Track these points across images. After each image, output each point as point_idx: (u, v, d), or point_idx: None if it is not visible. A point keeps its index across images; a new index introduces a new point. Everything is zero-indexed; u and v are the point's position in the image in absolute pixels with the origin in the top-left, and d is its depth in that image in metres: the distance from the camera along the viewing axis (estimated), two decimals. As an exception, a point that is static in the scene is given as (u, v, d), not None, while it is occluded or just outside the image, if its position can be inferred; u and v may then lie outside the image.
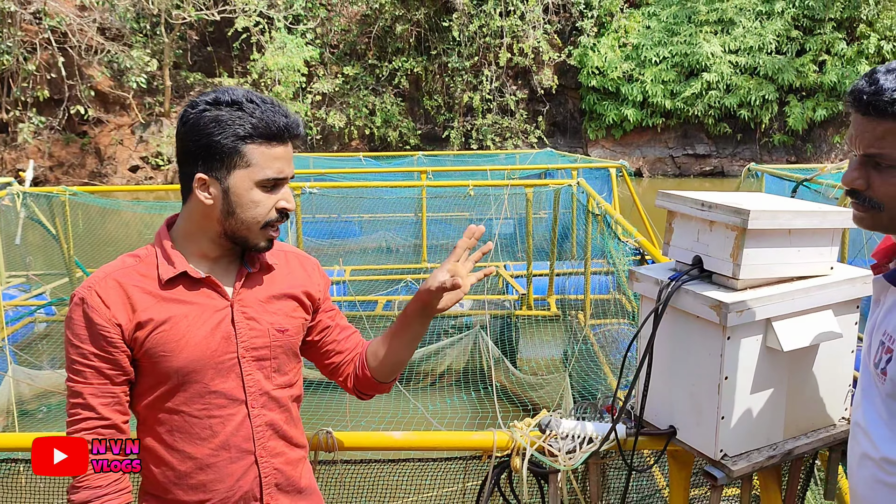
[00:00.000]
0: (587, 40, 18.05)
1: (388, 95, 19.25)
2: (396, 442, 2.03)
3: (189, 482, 1.56)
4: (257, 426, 1.60)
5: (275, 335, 1.63)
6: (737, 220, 1.67)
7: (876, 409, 1.46)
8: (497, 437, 1.97)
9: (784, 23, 17.05)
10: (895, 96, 1.31)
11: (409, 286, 7.50)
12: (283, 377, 1.66)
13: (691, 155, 18.22)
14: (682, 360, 1.81)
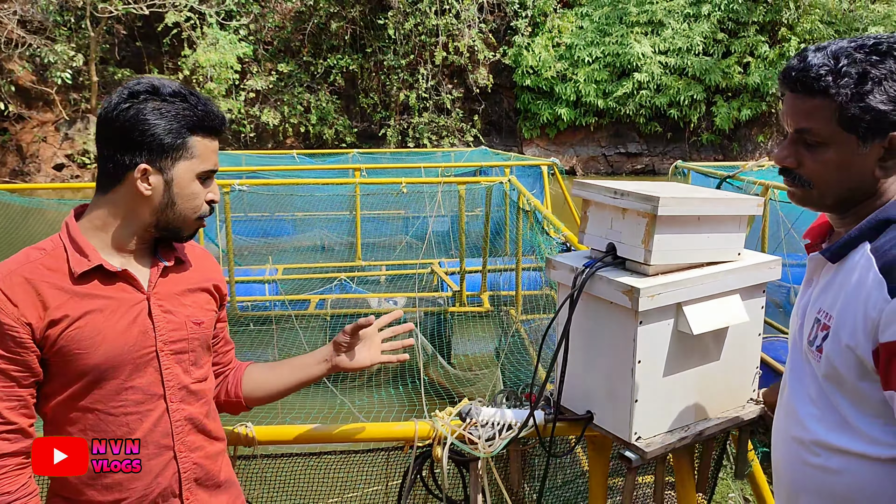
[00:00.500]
0: (521, 40, 18.24)
1: (323, 93, 19.06)
2: (318, 434, 2.01)
3: (104, 482, 1.52)
4: (176, 421, 1.57)
5: (192, 328, 1.61)
6: (647, 207, 1.71)
7: (806, 390, 1.48)
8: (418, 427, 1.97)
9: (710, 25, 17.55)
10: (821, 72, 1.34)
11: (343, 285, 7.44)
12: (199, 370, 1.64)
13: (623, 153, 18.59)
14: (598, 346, 1.84)
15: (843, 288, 1.38)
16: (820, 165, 1.39)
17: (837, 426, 1.40)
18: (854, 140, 1.35)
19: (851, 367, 1.35)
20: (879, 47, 1.33)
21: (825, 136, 1.36)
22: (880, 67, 1.32)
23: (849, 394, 1.37)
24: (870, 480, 1.36)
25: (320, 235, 9.61)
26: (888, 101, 1.32)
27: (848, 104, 1.33)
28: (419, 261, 7.45)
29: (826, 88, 1.34)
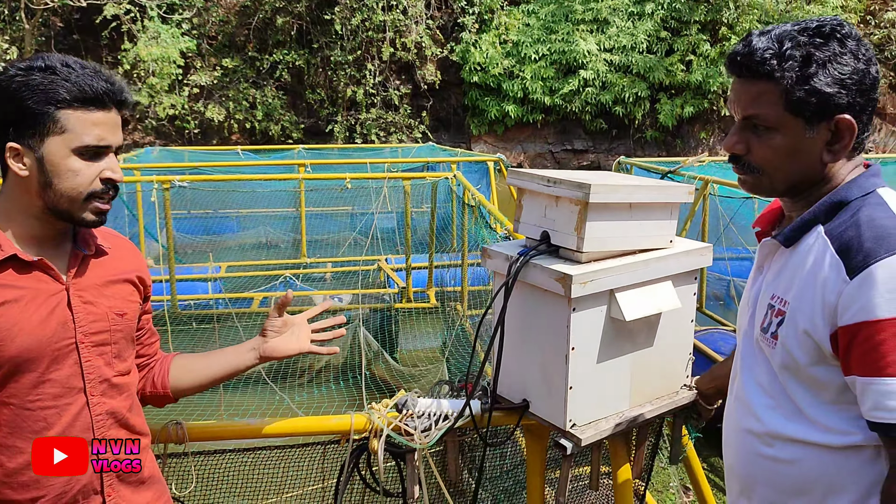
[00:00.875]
0: (469, 36, 18.25)
1: (269, 89, 18.78)
2: (251, 430, 1.97)
3: (20, 479, 1.45)
4: (97, 415, 1.52)
5: (114, 319, 1.55)
6: (579, 195, 1.71)
7: (758, 380, 1.47)
8: (354, 420, 1.94)
9: (654, 24, 17.82)
10: (766, 55, 1.33)
11: (288, 282, 7.35)
12: (123, 363, 1.59)
13: (570, 150, 18.76)
14: (533, 334, 1.84)
15: (798, 272, 1.37)
16: (768, 151, 1.38)
17: (791, 415, 1.40)
18: (801, 124, 1.35)
19: (808, 352, 1.34)
20: (823, 30, 1.34)
21: (773, 121, 1.36)
22: (824, 50, 1.32)
23: (804, 381, 1.37)
24: (823, 470, 1.36)
25: (265, 232, 9.49)
26: (833, 84, 1.32)
27: (793, 87, 1.33)
28: (363, 257, 7.40)
29: (771, 72, 1.34)
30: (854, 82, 1.33)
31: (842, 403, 1.34)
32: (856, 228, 1.30)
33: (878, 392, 1.24)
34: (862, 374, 1.26)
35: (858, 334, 1.25)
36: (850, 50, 1.33)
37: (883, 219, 1.30)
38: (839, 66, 1.32)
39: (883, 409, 1.24)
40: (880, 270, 1.24)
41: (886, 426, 1.24)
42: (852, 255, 1.28)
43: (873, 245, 1.26)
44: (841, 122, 1.34)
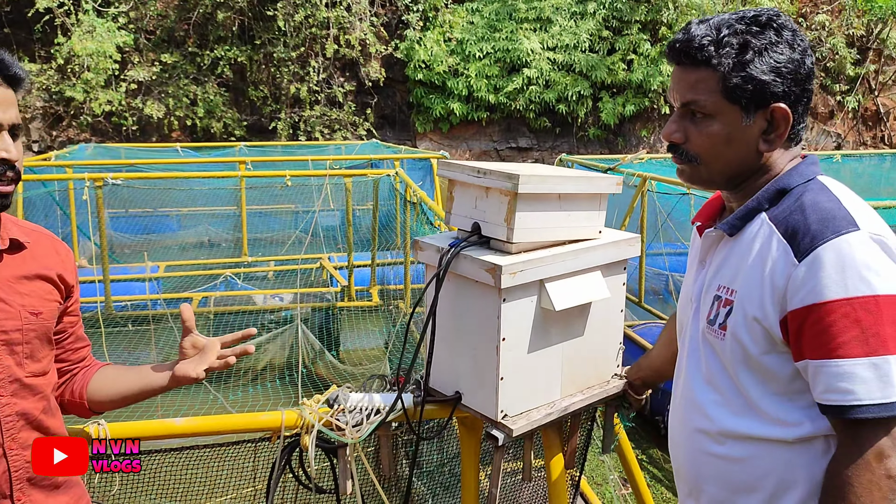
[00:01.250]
0: (413, 34, 18.22)
1: (210, 85, 18.44)
2: (177, 428, 1.91)
3: None
4: (7, 416, 1.45)
5: (28, 318, 1.48)
6: (508, 185, 1.71)
7: (704, 377, 1.45)
8: (285, 416, 1.91)
9: (596, 23, 18.07)
10: (703, 42, 1.34)
11: (229, 281, 7.23)
12: (36, 364, 1.52)
13: (514, 148, 18.89)
14: (464, 325, 1.83)
15: (745, 260, 1.37)
16: (706, 139, 1.38)
17: (741, 411, 1.39)
18: (737, 112, 1.36)
19: (758, 340, 1.34)
20: (759, 18, 1.35)
21: (710, 108, 1.36)
22: (761, 38, 1.33)
23: (755, 371, 1.36)
24: (774, 465, 1.36)
25: (206, 231, 9.32)
26: (769, 72, 1.33)
27: (730, 74, 1.33)
28: (303, 256, 7.31)
29: (709, 59, 1.34)
30: (789, 71, 1.35)
31: (792, 393, 1.34)
32: (801, 213, 1.31)
33: (829, 374, 1.24)
34: (813, 357, 1.26)
35: (809, 317, 1.26)
36: (786, 40, 1.35)
37: (826, 202, 1.32)
38: (775, 55, 1.33)
39: (834, 391, 1.24)
40: (827, 252, 1.25)
41: (838, 408, 1.25)
42: (799, 239, 1.28)
43: (819, 227, 1.27)
44: (777, 111, 1.36)
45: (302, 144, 14.56)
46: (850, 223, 1.27)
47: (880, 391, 1.22)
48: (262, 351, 5.69)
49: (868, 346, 1.22)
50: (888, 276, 1.24)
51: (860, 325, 1.22)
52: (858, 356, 1.22)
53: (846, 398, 1.23)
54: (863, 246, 1.25)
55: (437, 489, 2.48)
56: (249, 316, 5.96)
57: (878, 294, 1.23)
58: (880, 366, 1.22)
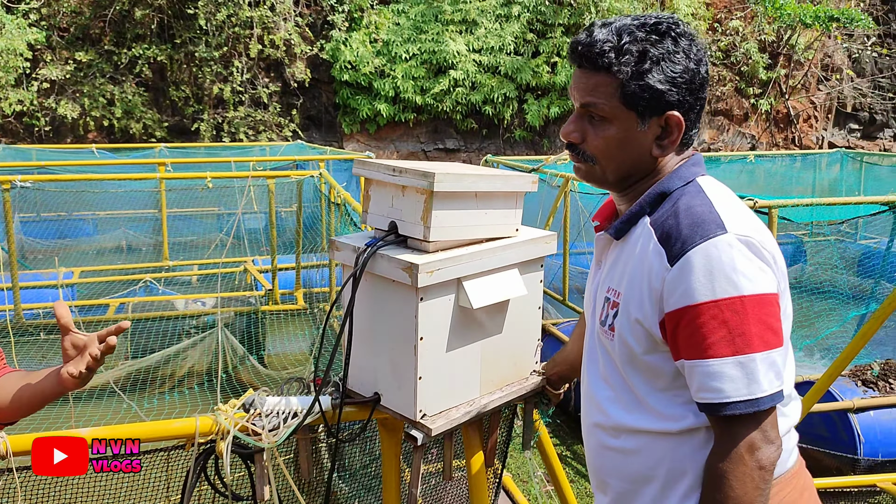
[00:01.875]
0: (339, 35, 18.07)
1: (128, 84, 17.87)
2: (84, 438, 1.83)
3: None
4: None
5: None
6: (424, 183, 1.70)
7: (600, 374, 1.50)
8: (199, 423, 1.85)
9: (520, 26, 18.29)
10: (605, 48, 1.36)
11: (149, 287, 7.01)
12: None
13: (442, 149, 18.94)
14: (382, 326, 1.82)
15: (628, 263, 1.41)
16: (602, 141, 1.42)
17: (631, 406, 1.44)
18: (634, 117, 1.39)
19: (641, 340, 1.38)
20: (659, 27, 1.38)
21: (608, 112, 1.39)
22: (659, 47, 1.37)
23: (641, 370, 1.41)
24: (664, 456, 1.40)
25: (124, 235, 9.03)
26: (665, 81, 1.37)
27: (629, 81, 1.36)
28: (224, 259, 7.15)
29: (609, 65, 1.37)
30: (685, 81, 1.39)
31: (675, 389, 1.39)
32: (675, 217, 1.36)
33: (701, 374, 1.29)
34: (688, 358, 1.31)
35: (682, 319, 1.31)
36: (682, 49, 1.39)
37: (698, 206, 1.36)
38: (672, 65, 1.37)
39: (707, 389, 1.29)
40: (696, 256, 1.29)
41: (711, 406, 1.30)
42: (672, 243, 1.33)
43: (689, 232, 1.32)
44: (670, 119, 1.40)
45: (226, 146, 14.26)
46: (718, 226, 1.32)
47: (746, 388, 1.28)
48: (182, 357, 5.54)
49: (734, 346, 1.28)
50: (753, 277, 1.30)
51: (727, 325, 1.28)
52: (726, 356, 1.28)
53: (717, 396, 1.29)
54: (729, 248, 1.30)
55: (359, 491, 2.46)
56: (169, 322, 5.79)
57: (744, 294, 1.28)
58: (746, 364, 1.28)
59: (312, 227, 6.88)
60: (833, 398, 4.32)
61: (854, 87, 24.45)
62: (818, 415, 4.30)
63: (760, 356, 1.28)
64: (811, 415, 4.12)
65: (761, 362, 1.28)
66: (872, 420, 4.27)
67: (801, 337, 5.05)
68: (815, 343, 5.20)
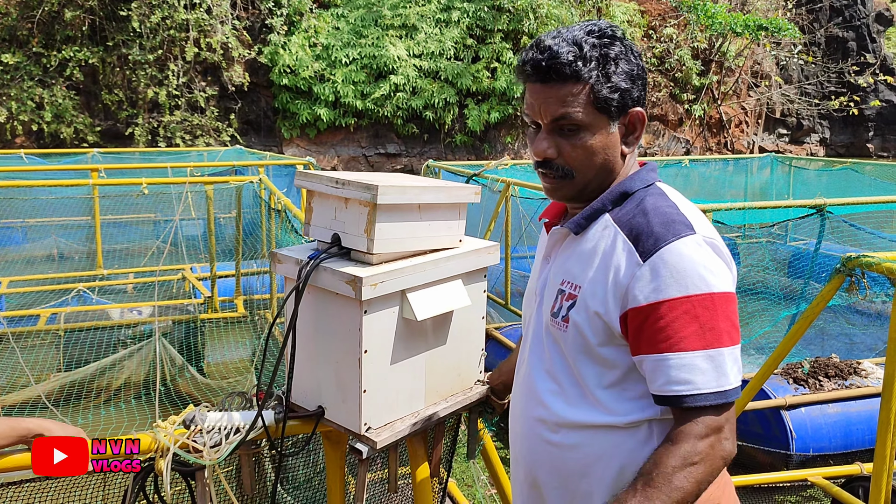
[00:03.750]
0: (277, 38, 17.88)
1: (59, 88, 17.32)
2: (13, 461, 1.76)
3: None
4: None
5: None
6: (367, 196, 1.70)
7: (545, 367, 1.51)
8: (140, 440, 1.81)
9: (460, 31, 18.39)
10: (570, 58, 1.38)
11: (82, 296, 6.80)
12: None
13: (383, 154, 18.90)
14: (326, 339, 1.81)
15: (590, 257, 1.43)
16: (579, 151, 1.43)
17: (577, 400, 1.45)
18: (606, 121, 1.43)
19: (598, 332, 1.40)
20: (606, 32, 1.43)
21: (583, 120, 1.41)
22: (613, 48, 1.42)
23: (594, 361, 1.42)
24: (604, 451, 1.42)
25: (55, 243, 8.74)
26: (627, 79, 1.42)
27: (599, 85, 1.40)
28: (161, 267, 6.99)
29: (578, 72, 1.39)
30: (638, 76, 1.45)
31: (626, 383, 1.42)
32: (644, 216, 1.40)
33: (672, 366, 1.32)
34: (654, 352, 1.34)
35: (652, 314, 1.33)
36: (628, 47, 1.45)
37: (666, 207, 1.41)
38: (628, 63, 1.43)
39: (677, 381, 1.32)
40: (669, 254, 1.34)
41: (678, 398, 1.32)
42: (643, 240, 1.36)
43: (661, 230, 1.36)
44: (634, 115, 1.46)
45: (162, 151, 13.93)
46: (687, 227, 1.37)
47: (716, 380, 1.32)
48: (118, 369, 5.39)
49: (705, 340, 1.32)
50: (720, 275, 1.36)
51: (699, 320, 1.32)
52: (697, 349, 1.32)
53: (688, 388, 1.32)
54: (698, 248, 1.35)
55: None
56: (104, 332, 5.63)
57: (714, 292, 1.33)
58: (715, 357, 1.32)
59: (252, 233, 6.78)
60: (766, 396, 4.45)
61: (782, 94, 25.33)
62: (753, 412, 4.42)
63: (728, 350, 1.33)
64: (746, 413, 4.25)
65: (728, 356, 1.33)
66: (803, 416, 4.41)
67: (736, 337, 5.19)
68: (749, 343, 5.35)
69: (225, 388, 5.07)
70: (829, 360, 4.85)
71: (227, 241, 7.83)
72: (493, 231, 6.34)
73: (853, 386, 4.59)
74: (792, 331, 3.08)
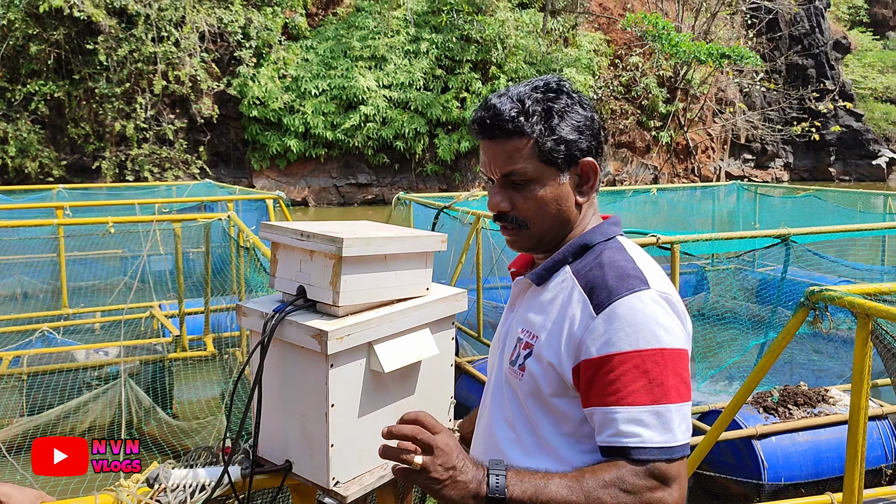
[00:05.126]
0: (247, 70, 17.89)
1: (23, 122, 17.15)
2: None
3: None
4: None
5: None
6: (332, 249, 1.69)
7: (504, 415, 1.51)
8: (100, 500, 1.77)
9: (429, 62, 18.55)
10: (513, 114, 1.43)
11: (47, 337, 6.67)
12: None
13: (354, 184, 18.91)
14: (292, 393, 1.79)
15: (549, 308, 1.45)
16: (531, 203, 1.46)
17: (533, 449, 1.45)
18: (555, 172, 1.46)
19: (552, 383, 1.41)
20: (551, 86, 1.47)
21: (530, 173, 1.44)
22: (558, 102, 1.45)
23: (548, 412, 1.43)
24: None
25: (19, 283, 8.57)
26: (573, 131, 1.45)
27: (543, 138, 1.43)
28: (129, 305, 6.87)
29: (521, 128, 1.43)
30: (587, 127, 1.48)
31: (580, 437, 1.42)
32: (600, 269, 1.41)
33: (619, 419, 1.32)
34: (602, 405, 1.34)
35: (603, 366, 1.34)
36: (577, 101, 1.48)
37: (622, 261, 1.43)
38: (574, 115, 1.46)
39: (623, 434, 1.32)
40: (622, 308, 1.35)
41: (623, 449, 1.33)
42: (597, 293, 1.38)
43: (616, 284, 1.37)
44: (585, 165, 1.48)
45: (130, 186, 13.80)
46: (642, 282, 1.39)
47: (661, 435, 1.32)
48: (83, 412, 5.27)
49: (653, 395, 1.32)
50: (672, 331, 1.37)
51: (648, 375, 1.33)
52: (645, 404, 1.32)
53: (634, 441, 1.32)
54: (652, 303, 1.37)
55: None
56: (68, 374, 5.51)
57: (664, 347, 1.34)
58: (663, 413, 1.32)
59: (222, 269, 6.71)
60: (738, 426, 4.48)
61: (746, 120, 25.85)
62: (725, 443, 4.44)
63: (675, 407, 1.33)
64: (718, 443, 4.27)
65: (676, 413, 1.33)
66: (774, 445, 4.44)
67: (706, 367, 5.24)
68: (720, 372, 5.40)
69: (194, 430, 4.97)
70: (798, 389, 4.90)
71: (196, 277, 7.73)
72: (464, 263, 6.35)
73: (822, 413, 4.63)
74: (760, 363, 3.11)
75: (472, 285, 6.20)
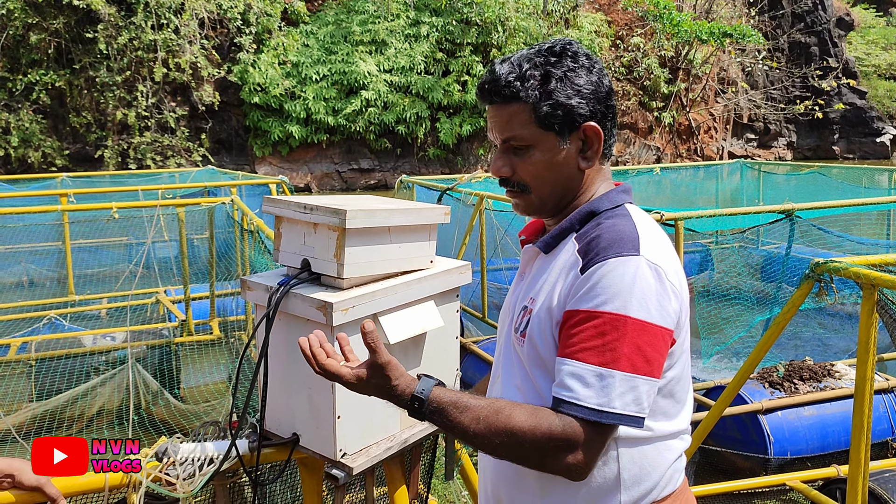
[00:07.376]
0: (247, 57, 17.83)
1: (25, 112, 17.13)
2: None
3: None
4: None
5: None
6: (336, 221, 1.69)
7: (514, 383, 1.51)
8: (109, 475, 1.78)
9: (430, 45, 18.46)
10: (509, 79, 1.42)
11: (54, 323, 6.69)
12: None
13: (356, 169, 18.88)
14: (299, 365, 1.79)
15: (550, 274, 1.45)
16: (531, 167, 1.46)
17: None
18: (553, 137, 1.44)
19: (548, 347, 1.41)
20: (554, 49, 1.45)
21: (528, 138, 1.44)
22: (559, 66, 1.43)
23: (549, 375, 1.42)
24: None
25: (24, 270, 8.60)
26: (573, 95, 1.43)
27: (539, 103, 1.42)
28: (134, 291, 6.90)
29: (517, 93, 1.42)
30: (591, 92, 1.45)
31: None
32: (597, 233, 1.41)
33: (565, 371, 1.33)
34: (560, 356, 1.35)
35: (570, 320, 1.35)
36: (582, 64, 1.46)
37: (622, 226, 1.41)
38: (575, 79, 1.44)
39: (563, 386, 1.32)
40: (603, 269, 1.34)
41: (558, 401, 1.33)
42: (589, 255, 1.38)
43: (606, 246, 1.37)
44: (588, 130, 1.46)
45: (133, 173, 13.80)
46: (633, 248, 1.37)
47: (596, 398, 1.30)
48: (91, 396, 5.30)
49: (603, 358, 1.31)
50: (646, 303, 1.34)
51: (604, 337, 1.32)
52: (592, 363, 1.32)
53: (569, 395, 1.32)
54: (635, 270, 1.35)
55: (283, 532, 2.40)
56: (76, 359, 5.53)
57: (629, 316, 1.32)
58: (605, 377, 1.31)
59: (226, 254, 6.72)
60: (743, 401, 4.48)
61: (749, 99, 25.70)
62: (730, 418, 4.45)
63: (622, 375, 1.31)
64: (724, 418, 4.28)
65: (621, 381, 1.31)
66: (780, 420, 4.45)
67: (712, 344, 5.23)
68: (726, 348, 5.40)
69: (202, 413, 5.00)
70: (804, 363, 4.90)
71: (201, 263, 7.74)
72: (468, 244, 6.34)
73: (827, 388, 4.63)
74: (765, 337, 3.11)
75: (476, 267, 6.20)
